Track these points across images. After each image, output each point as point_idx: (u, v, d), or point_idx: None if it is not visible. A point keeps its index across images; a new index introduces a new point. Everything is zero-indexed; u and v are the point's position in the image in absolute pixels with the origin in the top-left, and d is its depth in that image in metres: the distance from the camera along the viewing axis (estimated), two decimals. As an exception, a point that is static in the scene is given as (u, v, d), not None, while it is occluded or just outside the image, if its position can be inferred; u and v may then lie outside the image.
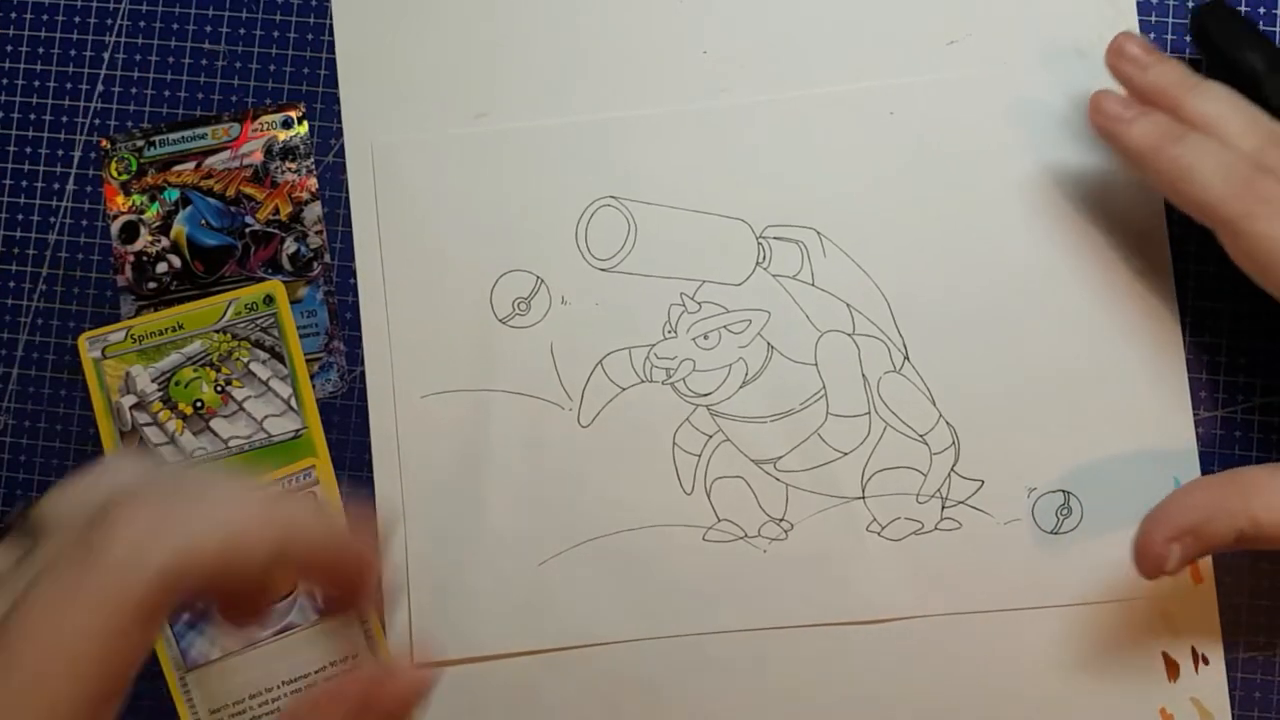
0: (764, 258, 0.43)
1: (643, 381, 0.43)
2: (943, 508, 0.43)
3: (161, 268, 0.45)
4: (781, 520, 0.43)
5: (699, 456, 0.43)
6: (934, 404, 0.43)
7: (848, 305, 0.43)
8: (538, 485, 0.43)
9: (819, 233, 0.43)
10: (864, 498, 0.43)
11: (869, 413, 0.43)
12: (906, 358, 0.43)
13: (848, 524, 0.43)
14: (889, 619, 0.43)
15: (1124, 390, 0.43)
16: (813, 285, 0.43)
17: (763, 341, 0.43)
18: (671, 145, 0.44)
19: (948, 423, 0.43)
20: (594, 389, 0.43)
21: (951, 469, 0.43)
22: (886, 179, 0.44)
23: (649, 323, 0.44)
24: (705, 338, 0.43)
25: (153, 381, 0.44)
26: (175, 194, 0.45)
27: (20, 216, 0.46)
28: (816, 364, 0.43)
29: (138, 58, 0.46)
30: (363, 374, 0.44)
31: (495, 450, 0.43)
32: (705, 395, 0.43)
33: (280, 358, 0.44)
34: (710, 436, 0.43)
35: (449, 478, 0.44)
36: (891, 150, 0.44)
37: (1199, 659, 0.42)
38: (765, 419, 0.43)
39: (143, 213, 0.46)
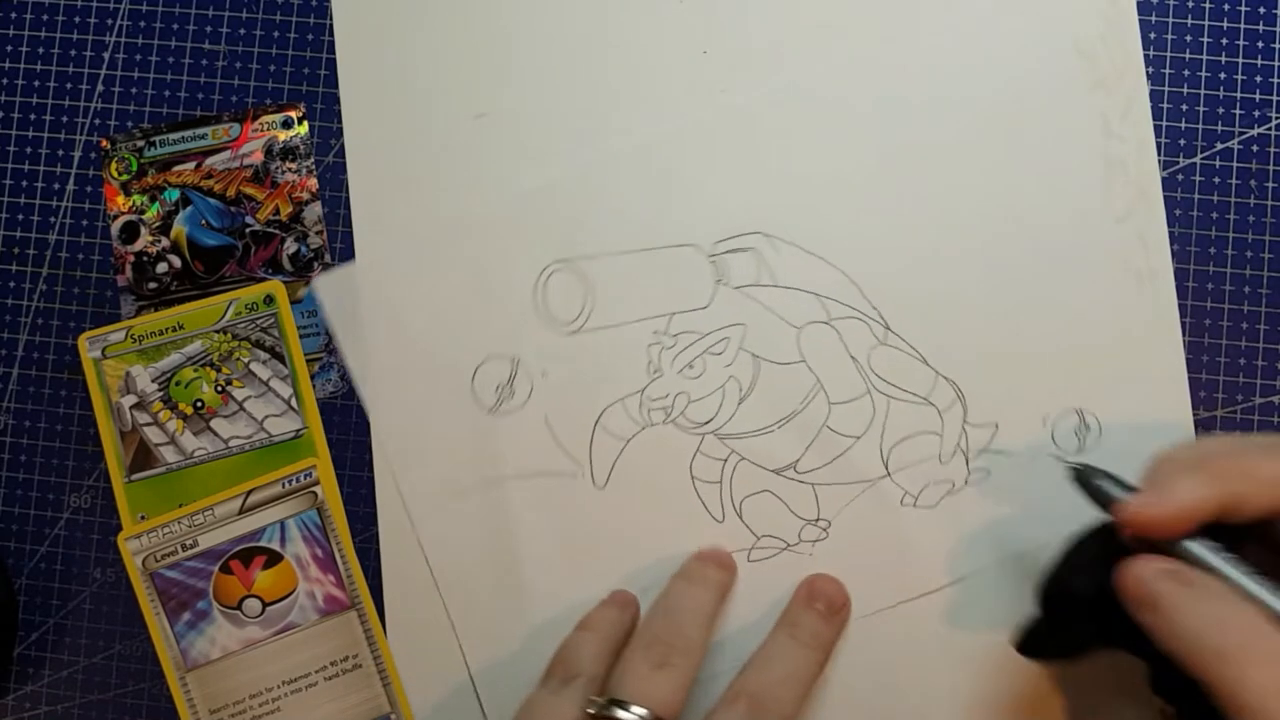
0: (722, 274, 0.43)
1: (644, 427, 0.43)
2: (967, 461, 0.43)
3: (162, 268, 0.45)
4: (818, 520, 0.43)
5: (720, 483, 0.43)
6: (927, 363, 0.43)
7: (815, 295, 0.43)
8: (573, 555, 0.43)
9: (765, 234, 0.44)
10: (889, 474, 0.43)
11: (868, 391, 0.43)
12: (888, 328, 0.43)
13: (882, 505, 0.43)
14: (948, 584, 0.42)
15: (1123, 389, 0.43)
16: (776, 286, 0.43)
17: (747, 354, 0.43)
18: (605, 192, 0.44)
19: (946, 378, 0.43)
20: (599, 449, 0.43)
21: (964, 421, 0.43)
22: (828, 169, 0.44)
23: (633, 369, 0.43)
24: (690, 367, 0.43)
25: (153, 381, 0.44)
26: (175, 194, 0.45)
27: (20, 216, 0.46)
28: (804, 359, 0.43)
29: (138, 58, 0.46)
30: (363, 374, 0.45)
31: (521, 533, 0.43)
32: (708, 422, 0.43)
33: (280, 358, 0.44)
34: (725, 460, 0.43)
35: (482, 565, 0.43)
36: (838, 141, 0.44)
37: None
38: (772, 427, 0.43)
39: (143, 213, 0.46)
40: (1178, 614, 0.31)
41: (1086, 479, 0.36)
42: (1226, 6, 0.44)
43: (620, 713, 0.36)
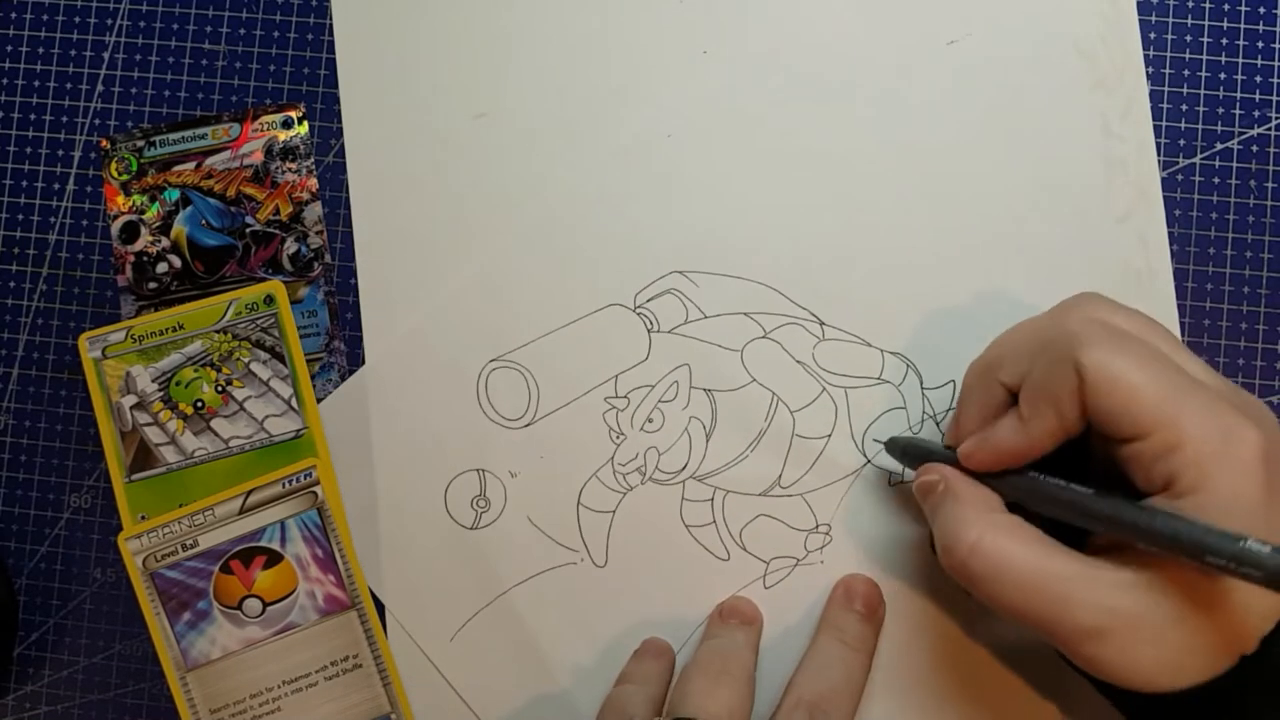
0: (651, 323, 0.44)
1: (625, 493, 0.43)
2: (938, 424, 0.43)
3: (162, 268, 0.45)
4: (818, 527, 0.43)
5: (714, 523, 0.43)
6: (870, 345, 0.43)
7: (745, 314, 0.44)
8: (595, 638, 0.43)
9: (680, 272, 0.44)
10: (869, 461, 0.43)
11: (824, 389, 0.43)
12: (822, 324, 0.43)
13: (872, 492, 0.43)
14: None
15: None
16: (706, 317, 0.44)
17: (699, 391, 0.43)
18: (517, 278, 0.44)
19: (892, 354, 0.43)
20: (589, 529, 0.43)
21: (922, 389, 0.43)
22: (736, 191, 0.44)
23: (597, 441, 0.44)
24: (650, 421, 0.43)
25: (153, 381, 0.44)
26: (175, 194, 0.45)
27: (20, 216, 0.46)
28: (754, 378, 0.43)
29: (138, 58, 0.46)
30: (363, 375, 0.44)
31: (542, 636, 0.43)
32: (683, 469, 0.43)
33: (281, 358, 0.44)
34: (711, 500, 0.43)
35: (513, 682, 0.43)
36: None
37: None
38: (746, 453, 0.43)
39: (143, 213, 0.46)
40: (932, 519, 0.37)
41: (898, 450, 0.40)
42: (1226, 6, 0.44)
43: None
